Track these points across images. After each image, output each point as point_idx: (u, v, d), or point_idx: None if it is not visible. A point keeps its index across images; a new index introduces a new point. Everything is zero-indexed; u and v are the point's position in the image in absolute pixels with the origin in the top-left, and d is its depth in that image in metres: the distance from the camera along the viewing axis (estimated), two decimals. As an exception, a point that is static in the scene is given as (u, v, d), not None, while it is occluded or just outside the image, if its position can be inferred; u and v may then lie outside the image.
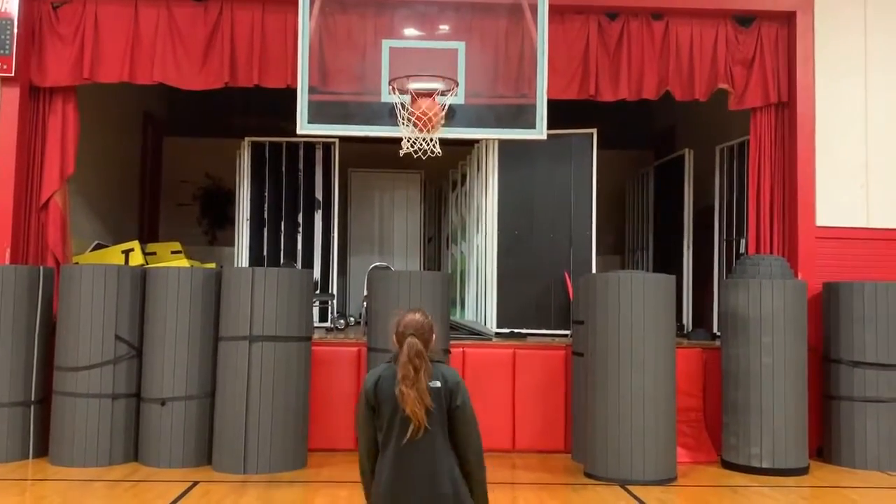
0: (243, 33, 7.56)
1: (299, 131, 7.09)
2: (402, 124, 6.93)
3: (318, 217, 9.40)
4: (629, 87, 7.68)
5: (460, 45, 7.12)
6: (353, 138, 7.83)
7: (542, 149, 8.02)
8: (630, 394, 6.17)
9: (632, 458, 6.14)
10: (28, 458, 6.65)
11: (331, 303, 9.26)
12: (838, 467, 6.91)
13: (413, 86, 6.94)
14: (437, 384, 3.03)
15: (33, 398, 6.69)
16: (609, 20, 7.78)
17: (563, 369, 7.32)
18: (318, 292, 9.05)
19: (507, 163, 8.40)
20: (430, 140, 6.91)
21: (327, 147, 9.40)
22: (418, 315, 3.12)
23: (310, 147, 9.44)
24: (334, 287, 9.41)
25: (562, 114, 7.73)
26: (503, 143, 8.32)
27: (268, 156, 9.43)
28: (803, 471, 6.59)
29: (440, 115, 6.85)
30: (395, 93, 6.96)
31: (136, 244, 8.58)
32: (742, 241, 8.66)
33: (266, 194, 9.40)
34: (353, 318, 10.07)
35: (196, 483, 5.97)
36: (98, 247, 8.89)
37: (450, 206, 10.82)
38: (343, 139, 9.03)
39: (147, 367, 6.59)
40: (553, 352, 7.40)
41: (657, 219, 10.90)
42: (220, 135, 11.41)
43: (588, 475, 6.37)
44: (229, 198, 11.16)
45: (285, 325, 6.41)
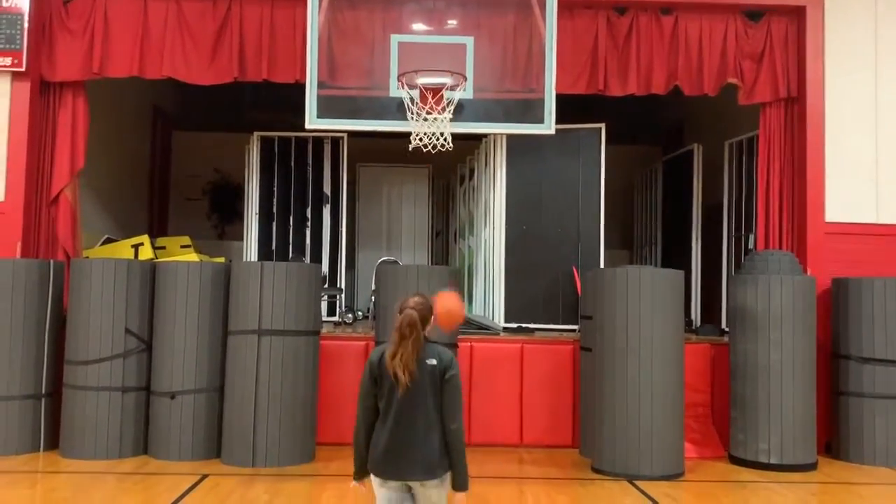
0: (252, 28, 7.54)
1: (308, 126, 7.10)
2: (412, 119, 6.89)
3: (327, 212, 9.44)
4: (638, 81, 7.62)
5: (469, 40, 7.11)
6: (361, 133, 7.79)
7: (551, 143, 7.97)
8: (638, 389, 6.12)
9: (639, 454, 6.10)
10: (39, 450, 6.63)
11: (339, 297, 9.24)
12: (847, 463, 6.85)
13: (421, 80, 6.92)
14: (433, 362, 3.37)
15: (44, 391, 6.68)
16: (618, 15, 7.73)
17: (570, 364, 7.28)
18: (326, 286, 8.99)
19: (515, 157, 8.33)
20: (441, 134, 6.89)
21: (336, 142, 9.42)
22: (418, 297, 3.47)
23: (318, 142, 9.45)
24: (342, 281, 9.39)
25: (570, 108, 7.72)
26: (511, 138, 8.28)
27: (277, 150, 9.45)
28: (812, 467, 6.56)
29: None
30: (403, 87, 6.94)
31: (145, 238, 8.58)
32: (751, 237, 8.63)
33: (275, 189, 9.39)
34: (361, 313, 10.01)
35: (205, 476, 5.96)
36: (108, 241, 8.91)
37: (458, 200, 10.77)
38: (351, 134, 9.06)
39: (157, 361, 6.57)
40: (561, 347, 7.35)
41: (665, 214, 10.85)
42: (230, 129, 11.42)
43: (596, 470, 6.33)
44: (238, 192, 11.21)
45: (294, 319, 6.38)
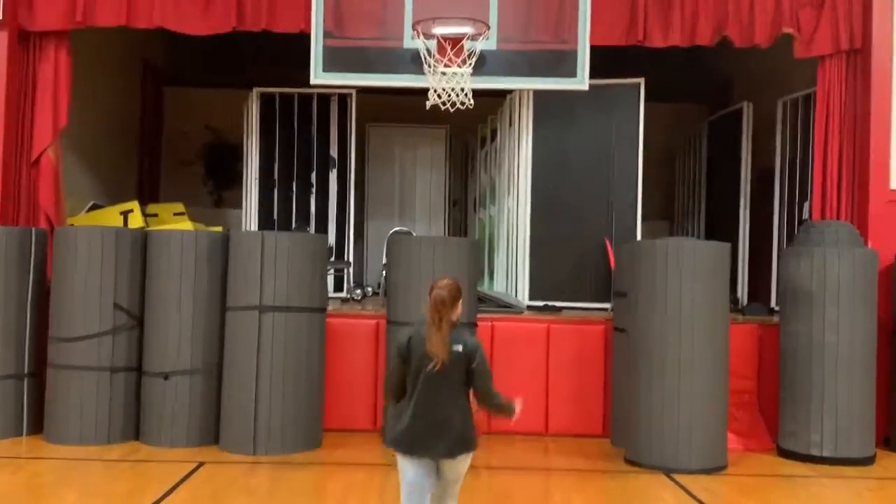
0: (251, -29, 7.68)
1: (313, 80, 7.14)
2: (428, 72, 6.86)
3: (333, 177, 9.44)
4: (682, 31, 7.57)
5: (493, -17, 7.19)
6: (371, 89, 7.87)
7: (583, 101, 7.90)
8: (677, 374, 6.14)
9: (678, 444, 6.12)
10: (22, 434, 6.72)
11: (347, 271, 9.30)
12: (908, 457, 6.99)
13: (439, 30, 6.88)
14: (459, 348, 3.78)
15: (26, 371, 6.76)
16: (660, -45, 7.83)
17: (602, 346, 7.29)
18: (332, 259, 9.05)
19: (543, 117, 8.29)
20: (461, 90, 6.86)
21: (343, 99, 9.37)
22: (447, 279, 3.90)
23: (324, 99, 9.42)
24: (350, 254, 9.50)
25: (605, 62, 7.62)
26: (539, 95, 8.21)
27: (278, 108, 9.43)
28: (869, 461, 6.53)
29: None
30: (419, 37, 6.90)
31: (135, 205, 8.64)
32: (805, 206, 8.60)
33: (276, 151, 9.40)
34: (370, 289, 10.06)
35: (202, 464, 6.01)
36: (94, 207, 8.95)
37: (478, 164, 10.76)
38: (360, 90, 9.01)
39: (148, 339, 6.62)
40: (591, 327, 7.36)
41: (711, 180, 10.81)
42: (227, 85, 11.46)
43: (629, 461, 6.36)
44: (236, 155, 11.23)
45: (297, 294, 6.41)
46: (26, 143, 7.62)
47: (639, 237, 8.12)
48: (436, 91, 6.94)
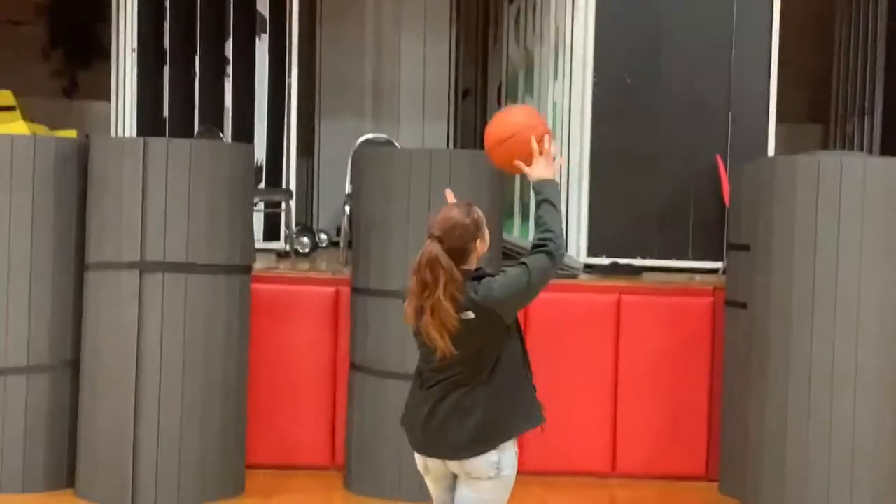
0: None
1: None
2: None
3: (264, 49, 9.19)
4: None
5: None
6: None
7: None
8: (831, 378, 5.74)
9: (829, 491, 5.74)
10: None
11: (286, 206, 8.95)
12: None
13: None
14: (470, 315, 3.45)
15: None
16: None
17: (707, 332, 6.91)
18: (262, 187, 8.85)
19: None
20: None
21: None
22: (455, 210, 3.54)
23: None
24: (292, 178, 9.23)
25: None
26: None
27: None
28: None
29: None
30: None
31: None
32: None
33: (167, 8, 9.08)
34: (324, 236, 9.99)
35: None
36: None
37: (504, 31, 10.49)
38: None
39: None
40: (689, 300, 7.02)
41: (891, 61, 10.53)
42: None
43: (751, 523, 5.90)
44: (100, 12, 10.81)
45: (205, 244, 6.03)
46: None
47: (772, 151, 7.70)
48: None
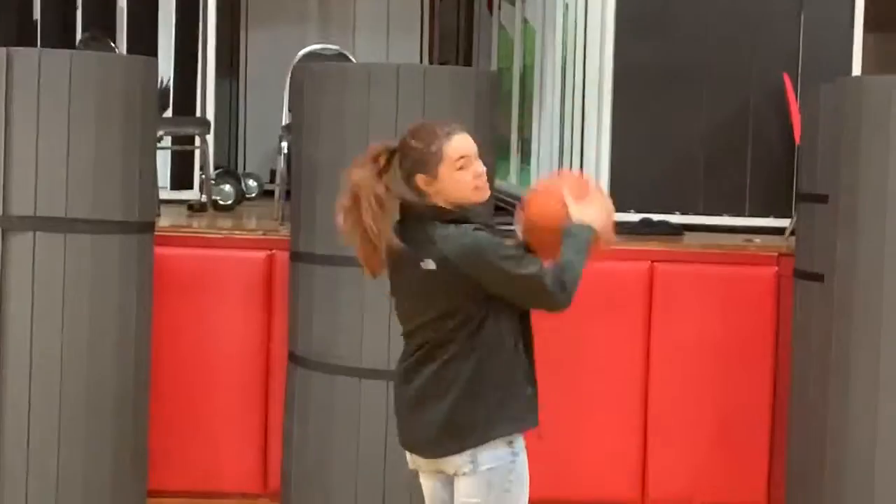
0: None
1: None
2: None
3: None
4: None
5: None
6: None
7: None
8: None
9: None
10: None
11: (200, 142, 8.46)
12: None
13: None
14: (430, 266, 3.41)
15: None
16: None
17: (769, 312, 6.28)
18: (169, 115, 8.41)
19: None
20: None
21: None
22: (409, 135, 3.49)
23: None
24: (209, 104, 8.74)
25: None
26: None
27: None
28: None
29: None
30: None
31: None
32: None
33: None
34: (253, 183, 9.54)
35: None
36: None
37: None
38: None
39: None
40: (745, 270, 6.40)
41: None
42: None
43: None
44: None
45: (89, 193, 5.69)
46: None
47: (858, 70, 7.04)
48: None
